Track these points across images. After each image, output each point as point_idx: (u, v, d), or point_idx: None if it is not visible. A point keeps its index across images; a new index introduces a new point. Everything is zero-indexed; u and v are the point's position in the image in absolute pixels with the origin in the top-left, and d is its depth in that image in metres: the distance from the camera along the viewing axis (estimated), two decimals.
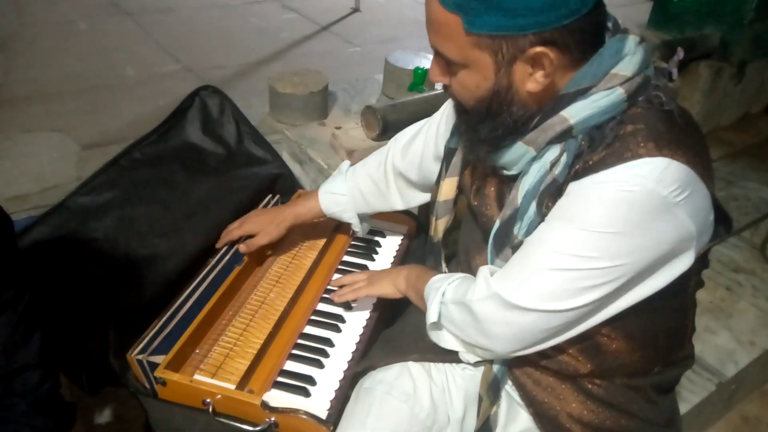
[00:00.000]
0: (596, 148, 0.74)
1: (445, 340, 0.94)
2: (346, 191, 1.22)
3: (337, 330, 1.18)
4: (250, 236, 1.27)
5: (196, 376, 1.05)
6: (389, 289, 1.09)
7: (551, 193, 0.78)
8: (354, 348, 1.14)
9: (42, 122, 2.90)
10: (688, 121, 0.77)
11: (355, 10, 4.79)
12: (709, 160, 0.78)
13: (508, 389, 0.97)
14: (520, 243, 0.82)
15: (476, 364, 0.98)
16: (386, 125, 1.72)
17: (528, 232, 0.81)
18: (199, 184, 1.49)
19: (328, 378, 1.08)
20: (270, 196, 1.52)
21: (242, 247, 1.27)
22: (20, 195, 2.05)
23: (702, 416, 1.62)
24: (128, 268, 1.29)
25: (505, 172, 0.86)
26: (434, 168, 1.10)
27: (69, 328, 1.18)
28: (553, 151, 0.78)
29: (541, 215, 0.80)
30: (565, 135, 0.76)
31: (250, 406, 1.00)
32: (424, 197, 1.21)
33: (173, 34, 4.18)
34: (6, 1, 4.40)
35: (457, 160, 1.00)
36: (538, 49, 0.72)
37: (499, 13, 0.70)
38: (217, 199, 1.46)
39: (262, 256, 1.34)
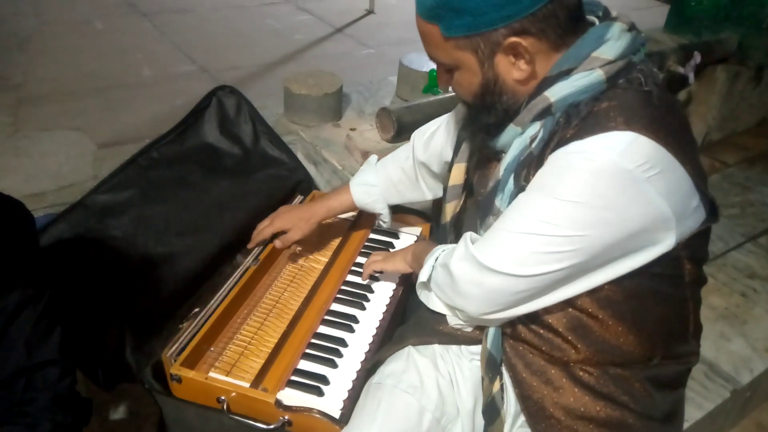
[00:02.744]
0: (571, 123, 0.78)
1: (433, 302, 0.99)
2: (378, 182, 1.27)
3: (351, 330, 1.19)
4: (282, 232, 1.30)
5: (211, 374, 1.06)
6: (400, 264, 1.14)
7: (527, 166, 0.84)
8: (367, 348, 1.15)
9: (59, 121, 2.93)
10: (669, 105, 0.79)
11: (370, 11, 4.81)
12: (692, 146, 0.80)
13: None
14: (501, 213, 0.87)
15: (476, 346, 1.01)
16: (401, 127, 1.73)
17: (509, 203, 0.86)
18: (216, 183, 1.50)
19: (342, 377, 1.08)
20: (300, 197, 1.54)
21: (278, 243, 1.30)
22: (38, 193, 2.07)
23: (716, 423, 1.61)
24: (145, 266, 1.30)
25: (503, 154, 0.91)
26: None
27: (86, 325, 1.19)
28: (534, 128, 0.83)
29: (519, 186, 0.85)
30: (545, 112, 0.82)
31: (264, 405, 1.01)
32: None
33: (189, 35, 4.22)
34: (25, 2, 4.46)
35: (465, 148, 1.06)
36: (512, 39, 0.78)
37: (466, 15, 0.78)
38: (234, 199, 1.47)
39: (276, 256, 1.35)
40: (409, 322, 1.12)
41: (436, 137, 1.20)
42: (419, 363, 1.01)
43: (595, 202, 0.74)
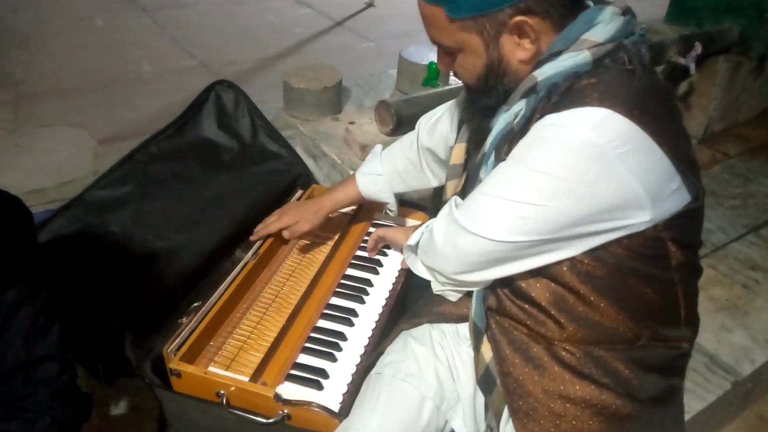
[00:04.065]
0: (551, 99, 0.80)
1: (418, 267, 1.03)
2: (383, 171, 1.29)
3: (350, 324, 1.19)
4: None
5: (211, 368, 1.06)
6: (400, 236, 1.19)
7: (509, 140, 0.86)
8: (367, 342, 1.15)
9: (60, 117, 2.93)
10: (653, 87, 0.80)
11: (369, 5, 4.79)
12: (676, 129, 0.81)
13: None
14: None
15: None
16: (400, 120, 1.72)
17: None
18: (214, 178, 1.50)
19: (341, 371, 1.09)
20: (300, 191, 1.54)
21: (286, 233, 1.31)
22: (38, 189, 2.08)
23: (717, 415, 1.61)
24: (144, 261, 1.31)
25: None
26: None
27: (85, 320, 1.20)
28: (519, 105, 0.85)
29: (500, 160, 0.86)
30: (530, 91, 0.83)
31: (263, 399, 1.01)
32: None
33: (189, 30, 4.21)
34: None
35: (465, 128, 1.07)
36: (518, 18, 0.80)
37: None
38: (233, 194, 1.47)
39: (275, 250, 1.35)
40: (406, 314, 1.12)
41: (441, 122, 1.21)
42: (417, 351, 1.02)
43: (565, 174, 0.75)
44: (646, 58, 0.80)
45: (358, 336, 1.16)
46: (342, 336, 1.16)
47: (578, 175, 0.75)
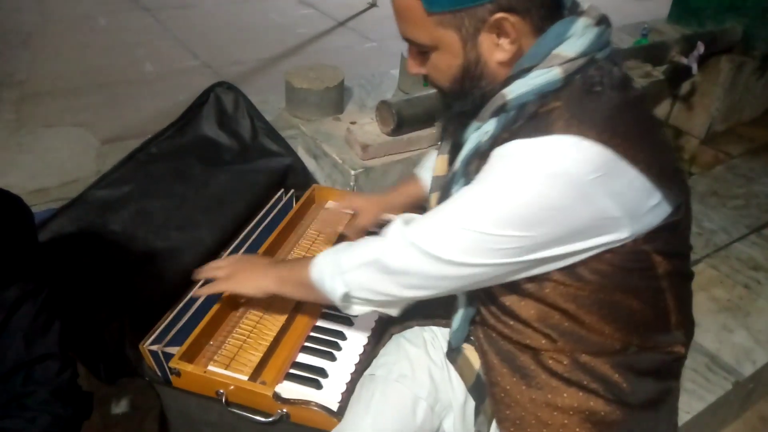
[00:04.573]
0: (517, 122, 0.77)
1: (354, 309, 0.95)
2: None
3: (350, 323, 1.19)
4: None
5: (210, 367, 1.06)
6: (252, 291, 1.06)
7: (477, 159, 0.82)
8: (366, 341, 1.15)
9: (63, 117, 2.95)
10: (624, 104, 0.76)
11: (372, 5, 4.79)
12: (653, 143, 0.77)
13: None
14: None
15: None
16: (401, 120, 1.72)
17: None
18: (214, 177, 1.51)
19: (340, 370, 1.09)
20: (282, 190, 1.54)
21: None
22: (42, 188, 2.08)
23: (718, 415, 1.61)
24: (145, 260, 1.31)
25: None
26: None
27: (86, 319, 1.20)
28: (490, 124, 0.80)
29: (467, 179, 0.83)
30: (500, 110, 0.79)
31: (263, 397, 1.01)
32: None
33: (192, 30, 4.22)
34: None
35: (446, 138, 1.03)
36: (498, 15, 0.75)
37: None
38: (233, 193, 1.47)
39: (275, 249, 1.35)
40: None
41: None
42: (410, 352, 1.02)
43: (532, 201, 0.73)
44: (617, 73, 0.77)
45: (357, 335, 1.16)
46: (341, 335, 1.16)
47: (550, 202, 0.72)
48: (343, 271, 0.91)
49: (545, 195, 0.72)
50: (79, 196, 1.41)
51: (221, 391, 1.04)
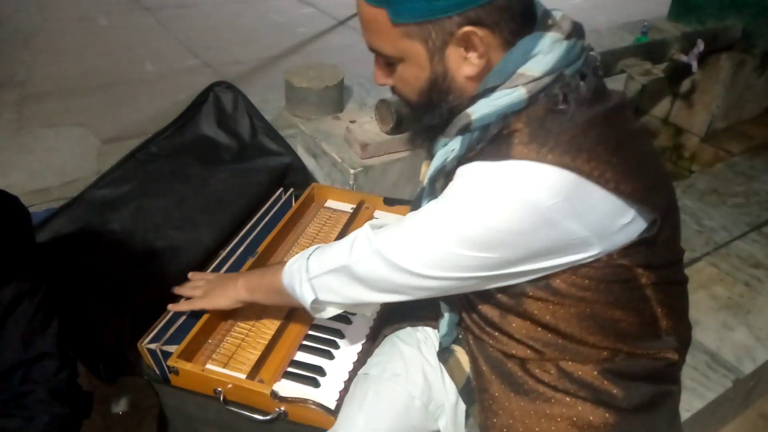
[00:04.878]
0: (479, 143, 0.76)
1: (327, 312, 0.96)
2: None
3: (348, 321, 1.19)
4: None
5: (208, 366, 1.07)
6: (224, 303, 1.09)
7: (442, 178, 0.82)
8: (364, 339, 1.15)
9: (63, 117, 2.95)
10: (595, 119, 0.73)
11: None
12: (626, 155, 0.73)
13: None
14: None
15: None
16: (400, 119, 1.71)
17: None
18: (214, 177, 1.51)
19: (338, 369, 1.09)
20: (282, 189, 1.54)
21: None
22: (42, 188, 2.09)
23: (718, 413, 1.60)
24: (144, 260, 1.31)
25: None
26: None
27: (86, 318, 1.20)
28: (455, 142, 0.80)
29: (434, 195, 0.83)
30: (464, 129, 0.78)
31: (260, 396, 1.02)
32: None
33: (192, 30, 4.22)
34: None
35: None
36: (466, 28, 0.73)
37: None
38: (232, 192, 1.48)
39: (274, 248, 1.35)
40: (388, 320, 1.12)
41: None
42: (404, 351, 1.02)
43: (493, 225, 0.71)
44: (584, 88, 0.74)
45: (355, 333, 1.16)
46: (339, 334, 1.16)
47: (510, 226, 0.71)
48: (312, 277, 0.91)
49: (506, 220, 0.71)
50: (78, 196, 1.42)
51: (219, 389, 1.04)
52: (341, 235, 1.41)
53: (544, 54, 0.74)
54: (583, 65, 0.76)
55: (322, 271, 0.90)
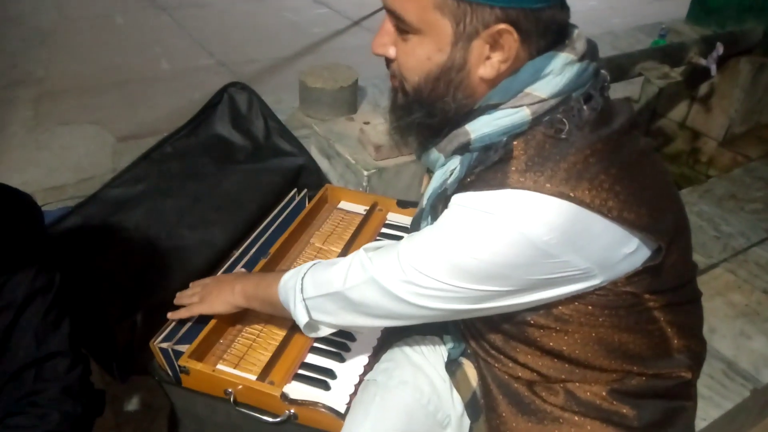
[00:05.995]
0: (477, 168, 0.72)
1: (320, 332, 0.96)
2: None
3: None
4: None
5: (219, 366, 1.06)
6: (222, 308, 1.08)
7: (442, 201, 0.78)
8: (375, 342, 1.14)
9: (80, 115, 2.98)
10: (597, 144, 0.69)
11: None
12: (628, 182, 0.69)
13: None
14: None
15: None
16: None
17: None
18: (227, 177, 1.51)
19: (348, 372, 1.08)
20: (295, 190, 1.53)
21: None
22: (58, 186, 2.11)
23: (735, 423, 1.58)
24: (157, 259, 1.31)
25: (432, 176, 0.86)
26: None
27: (99, 317, 1.21)
28: (454, 162, 0.76)
29: (435, 218, 0.79)
30: (463, 148, 0.74)
31: (270, 398, 1.01)
32: None
33: (207, 29, 4.25)
34: None
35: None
36: (503, 26, 0.67)
37: None
38: (245, 193, 1.48)
39: (287, 249, 1.35)
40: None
41: None
42: (412, 359, 1.00)
43: (488, 259, 0.69)
44: (584, 114, 0.70)
45: (366, 336, 1.16)
46: (350, 336, 1.16)
47: (506, 260, 0.68)
48: (306, 297, 0.91)
49: (502, 254, 0.68)
50: (93, 195, 1.42)
51: (229, 390, 1.03)
52: (354, 237, 1.41)
53: (555, 75, 0.70)
54: (590, 87, 0.72)
55: (317, 294, 0.89)
